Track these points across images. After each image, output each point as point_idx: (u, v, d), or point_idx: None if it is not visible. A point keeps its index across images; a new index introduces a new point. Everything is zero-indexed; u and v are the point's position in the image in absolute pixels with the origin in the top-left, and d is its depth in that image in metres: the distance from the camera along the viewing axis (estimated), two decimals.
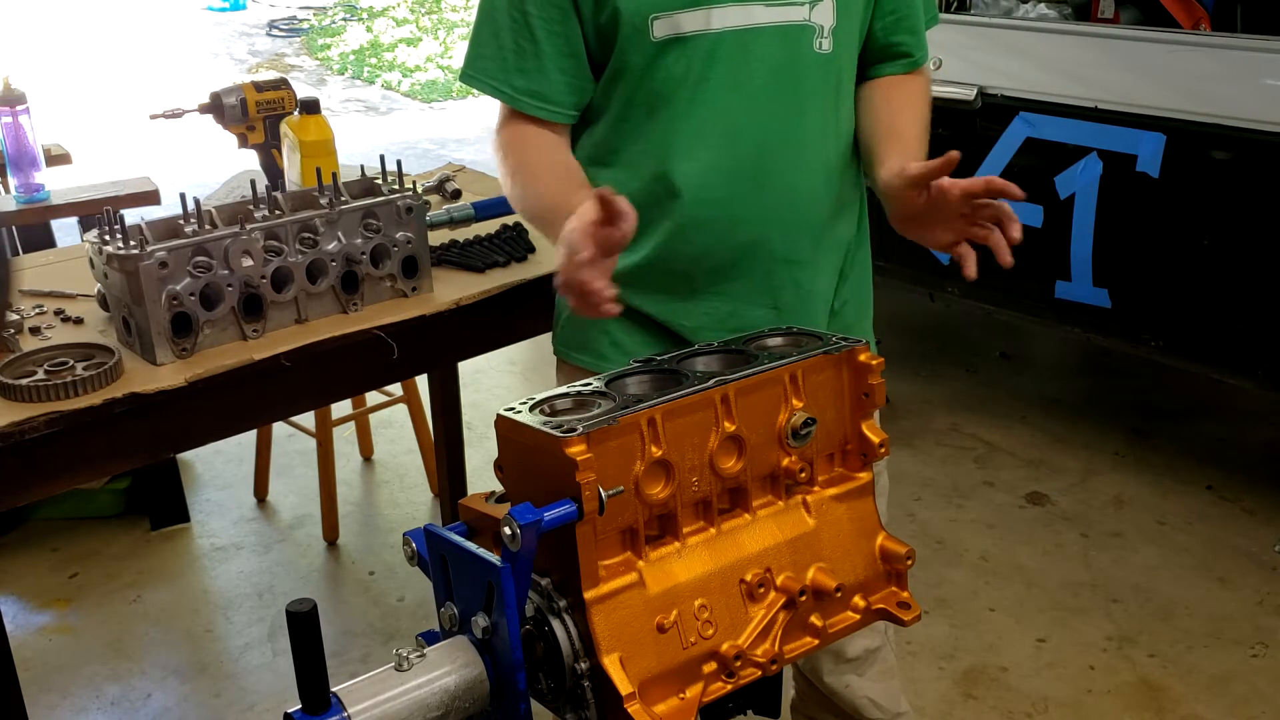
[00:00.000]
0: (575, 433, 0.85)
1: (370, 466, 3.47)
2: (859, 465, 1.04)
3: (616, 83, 1.44)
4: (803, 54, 1.41)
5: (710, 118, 1.41)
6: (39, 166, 2.79)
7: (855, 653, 1.67)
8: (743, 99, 1.41)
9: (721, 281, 1.47)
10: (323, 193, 1.79)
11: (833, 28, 1.41)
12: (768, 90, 1.41)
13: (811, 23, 1.40)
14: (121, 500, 3.15)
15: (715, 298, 1.49)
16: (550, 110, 1.46)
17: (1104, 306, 2.96)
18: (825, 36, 1.41)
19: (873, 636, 1.67)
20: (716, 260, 1.46)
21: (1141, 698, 2.42)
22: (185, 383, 1.62)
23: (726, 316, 1.49)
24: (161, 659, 2.63)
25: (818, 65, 1.42)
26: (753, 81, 1.40)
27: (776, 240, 1.45)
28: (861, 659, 1.67)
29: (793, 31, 1.40)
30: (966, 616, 2.68)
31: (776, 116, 1.42)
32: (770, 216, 1.44)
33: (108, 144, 6.83)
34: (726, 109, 1.41)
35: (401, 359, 1.83)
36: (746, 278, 1.47)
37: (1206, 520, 3.04)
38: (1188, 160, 2.73)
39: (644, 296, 1.50)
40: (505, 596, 0.83)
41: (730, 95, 1.40)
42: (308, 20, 11.74)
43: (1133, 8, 3.47)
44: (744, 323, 1.46)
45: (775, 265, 1.46)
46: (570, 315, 1.57)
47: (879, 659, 1.69)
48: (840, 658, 1.67)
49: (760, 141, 1.42)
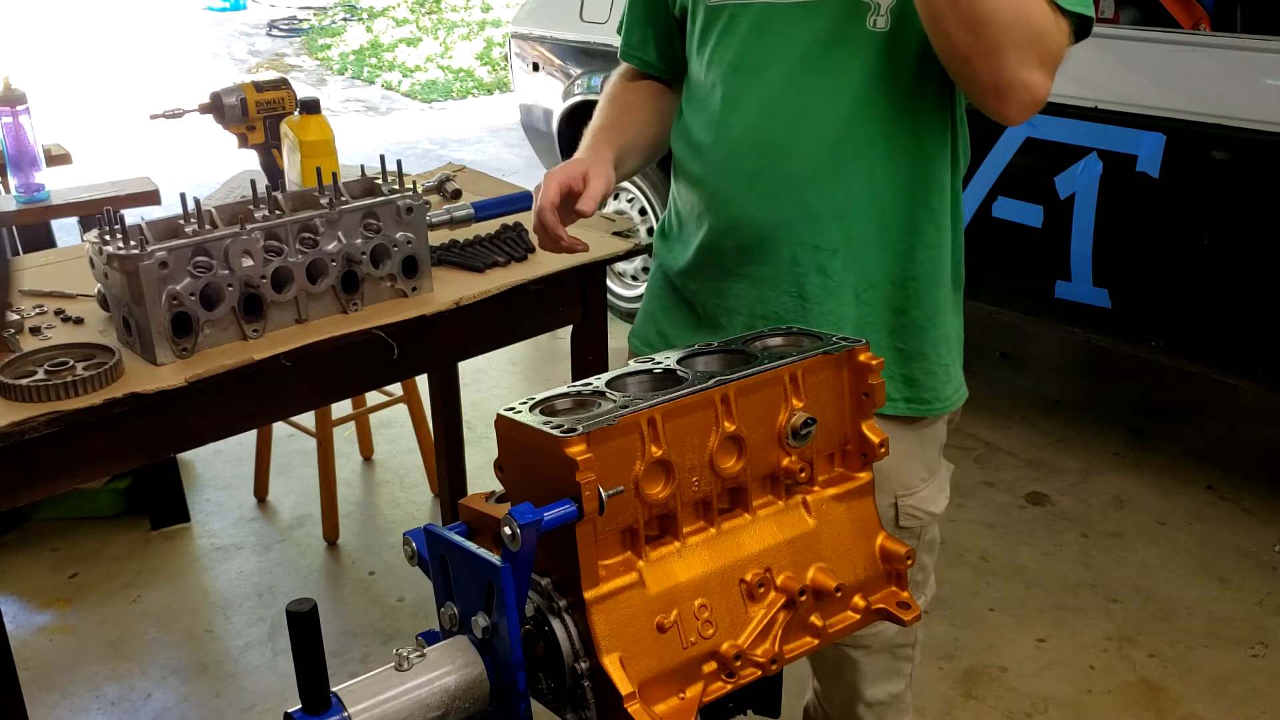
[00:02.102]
0: (575, 433, 0.85)
1: (370, 466, 3.47)
2: (859, 465, 1.04)
3: (688, 45, 1.51)
4: (854, 30, 1.34)
5: (751, 86, 1.40)
6: (39, 166, 2.79)
7: (880, 697, 1.64)
8: (785, 71, 1.37)
9: (749, 263, 1.45)
10: (323, 193, 1.79)
11: (891, 5, 1.32)
12: (811, 64, 1.36)
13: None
14: (121, 500, 3.15)
15: (743, 280, 1.47)
16: (634, 56, 1.63)
17: (1104, 306, 2.96)
18: (882, 14, 1.33)
19: (899, 682, 1.65)
20: (742, 237, 1.44)
21: (1141, 698, 2.42)
22: (185, 383, 1.62)
23: (754, 302, 1.46)
24: (161, 659, 2.63)
25: (870, 44, 1.34)
26: (797, 53, 1.36)
27: (801, 223, 1.40)
28: (886, 704, 1.65)
29: (844, 6, 1.34)
30: (966, 616, 2.68)
31: (816, 93, 1.36)
32: (797, 197, 1.39)
33: (108, 144, 6.83)
34: (768, 80, 1.38)
35: (401, 359, 1.83)
36: (772, 261, 1.43)
37: (1206, 520, 3.04)
38: (1188, 160, 2.73)
39: (689, 277, 1.53)
40: (505, 596, 0.83)
41: (773, 66, 1.38)
42: (308, 20, 11.74)
43: (1133, 8, 3.47)
44: (771, 309, 1.45)
45: (800, 249, 1.41)
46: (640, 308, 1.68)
47: (902, 700, 1.68)
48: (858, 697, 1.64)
49: (796, 117, 1.37)
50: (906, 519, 1.54)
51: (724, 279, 1.49)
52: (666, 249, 1.59)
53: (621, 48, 1.64)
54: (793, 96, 1.37)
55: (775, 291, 1.45)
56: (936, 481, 1.56)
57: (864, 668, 1.61)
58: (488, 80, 9.27)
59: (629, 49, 1.63)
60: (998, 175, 3.04)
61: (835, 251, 1.41)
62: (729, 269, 1.48)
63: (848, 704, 1.66)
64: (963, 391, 1.54)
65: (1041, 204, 2.97)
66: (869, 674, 1.62)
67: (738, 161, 1.42)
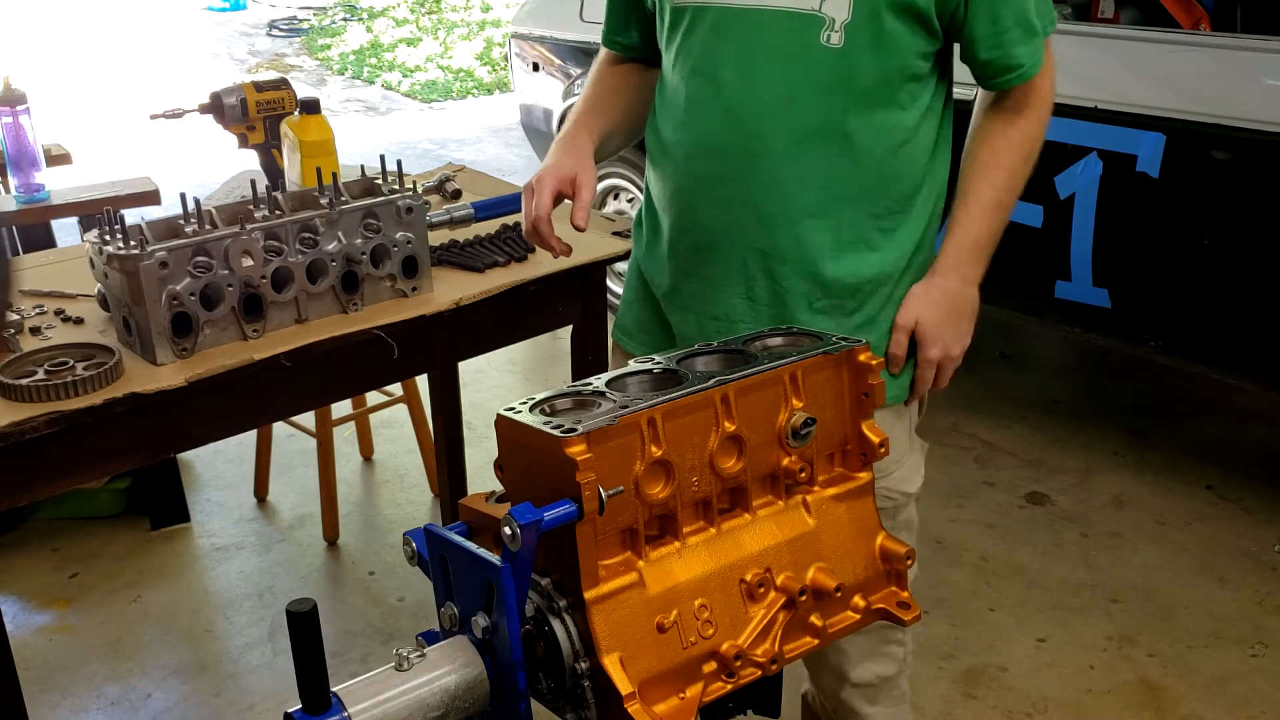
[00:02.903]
0: (575, 433, 0.85)
1: (370, 466, 3.47)
2: (859, 465, 1.04)
3: (659, 40, 1.54)
4: (809, 44, 1.37)
5: (709, 91, 1.43)
6: (39, 166, 2.79)
7: (867, 678, 1.65)
8: (742, 79, 1.40)
9: (703, 264, 1.50)
10: (323, 193, 1.79)
11: (845, 22, 1.35)
12: (767, 74, 1.39)
13: (821, 14, 1.36)
14: (122, 500, 3.15)
15: (696, 279, 1.51)
16: (615, 42, 1.67)
17: (1104, 306, 2.96)
18: (836, 30, 1.36)
19: (888, 664, 1.65)
20: (696, 238, 1.49)
21: (1141, 698, 2.42)
22: (185, 383, 1.62)
23: (706, 302, 1.51)
24: (161, 659, 2.63)
25: (824, 58, 1.37)
26: (753, 62, 1.39)
27: (753, 228, 1.44)
28: (875, 686, 1.66)
29: (800, 19, 1.37)
30: (966, 616, 2.68)
31: (770, 102, 1.39)
32: (749, 202, 1.43)
33: (108, 144, 6.83)
34: (726, 85, 1.41)
35: (401, 359, 1.83)
36: (723, 263, 1.48)
37: (1206, 520, 3.04)
38: (1188, 160, 2.73)
39: (651, 270, 1.58)
40: (505, 596, 0.83)
41: (731, 72, 1.41)
42: (308, 20, 11.74)
43: (1133, 8, 3.47)
44: (721, 310, 1.49)
45: (750, 254, 1.46)
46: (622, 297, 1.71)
47: (895, 686, 1.68)
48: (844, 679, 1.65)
49: (751, 125, 1.40)
50: (881, 500, 1.57)
51: (680, 276, 1.53)
52: (638, 240, 1.64)
53: (604, 34, 1.68)
54: (750, 104, 1.40)
55: (725, 293, 1.49)
56: (910, 462, 1.58)
57: (847, 647, 1.61)
58: (488, 80, 9.26)
59: (610, 34, 1.67)
60: None
61: (785, 259, 1.45)
62: (684, 267, 1.52)
63: (835, 687, 1.67)
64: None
65: (1041, 204, 2.97)
66: (853, 654, 1.62)
67: (695, 164, 1.46)
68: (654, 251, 1.58)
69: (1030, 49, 1.42)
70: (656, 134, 1.54)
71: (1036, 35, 1.43)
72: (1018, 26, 1.40)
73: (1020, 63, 1.43)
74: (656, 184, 1.55)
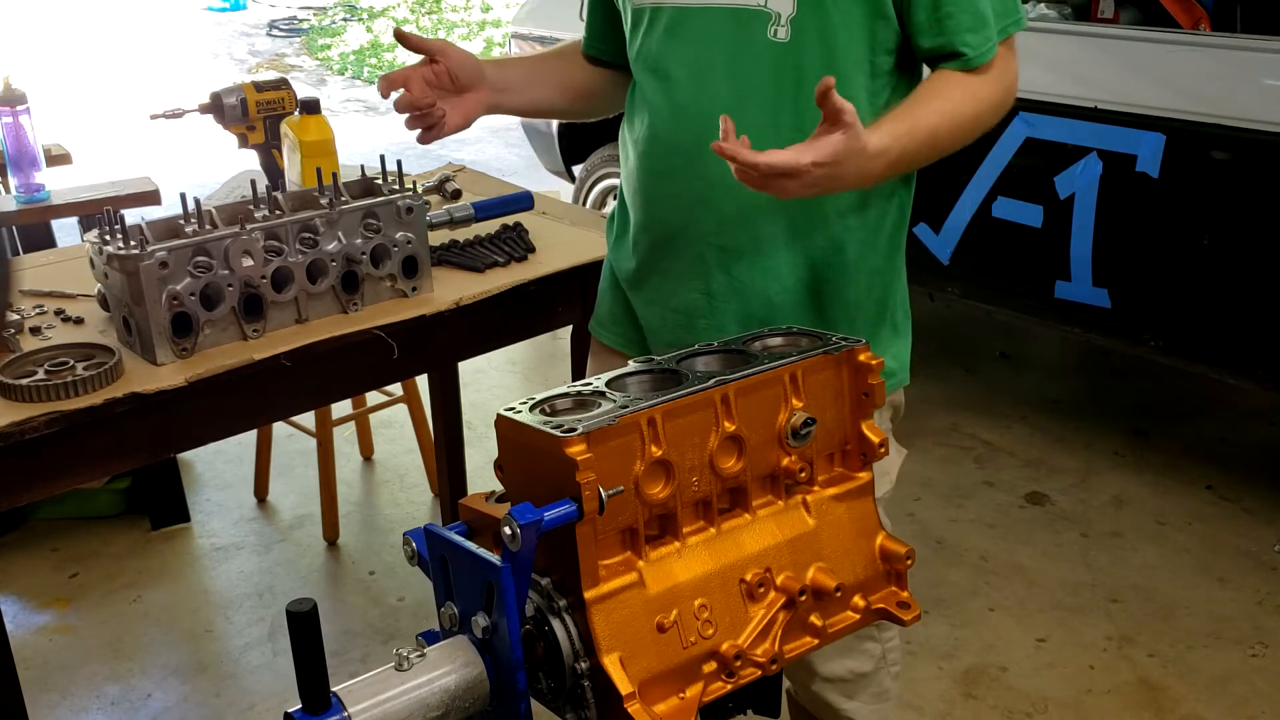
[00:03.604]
0: (575, 433, 0.85)
1: (370, 466, 3.47)
2: (859, 465, 1.04)
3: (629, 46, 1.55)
4: (755, 39, 1.37)
5: (663, 89, 1.45)
6: (39, 166, 2.79)
7: (839, 673, 1.64)
8: (692, 76, 1.42)
9: (664, 259, 1.51)
10: (323, 193, 1.79)
11: (791, 16, 1.35)
12: (717, 71, 1.40)
13: (766, 9, 1.36)
14: (122, 500, 3.15)
15: (657, 274, 1.54)
16: (595, 47, 1.69)
17: (1104, 306, 2.96)
18: (782, 25, 1.36)
19: (863, 660, 1.64)
20: (656, 234, 1.51)
21: (1141, 698, 2.42)
22: (185, 383, 1.62)
23: (667, 295, 1.53)
24: (161, 659, 2.63)
25: (771, 53, 1.37)
26: (703, 60, 1.41)
27: (708, 224, 1.45)
28: (850, 681, 1.65)
29: (745, 15, 1.37)
30: (966, 616, 2.68)
31: (720, 99, 1.39)
32: (704, 198, 1.43)
33: (108, 144, 6.83)
34: (678, 83, 1.43)
35: (401, 359, 1.83)
36: (681, 257, 1.49)
37: (1206, 520, 3.04)
38: (1188, 160, 2.73)
39: (619, 265, 1.61)
40: (505, 596, 0.83)
41: (682, 70, 1.43)
42: (308, 20, 11.74)
43: (1133, 8, 3.47)
44: (682, 303, 1.51)
45: (707, 249, 1.47)
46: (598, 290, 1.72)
47: (873, 683, 1.67)
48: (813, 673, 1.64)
49: (702, 122, 1.39)
50: None
51: (643, 269, 1.56)
52: (609, 233, 1.66)
53: (584, 40, 1.70)
54: (700, 101, 1.41)
55: (684, 287, 1.50)
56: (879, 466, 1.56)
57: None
58: None
59: (590, 41, 1.69)
60: (997, 175, 3.04)
61: (741, 254, 1.45)
62: (646, 262, 1.54)
63: (805, 679, 1.66)
64: (897, 379, 1.56)
65: (1041, 204, 2.97)
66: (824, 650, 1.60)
67: (653, 161, 1.49)
68: (621, 245, 1.60)
69: (979, 38, 1.36)
70: (623, 134, 1.57)
71: (987, 26, 1.37)
72: (964, 13, 1.35)
73: (964, 50, 1.36)
74: (623, 180, 1.59)
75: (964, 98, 1.37)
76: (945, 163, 1.49)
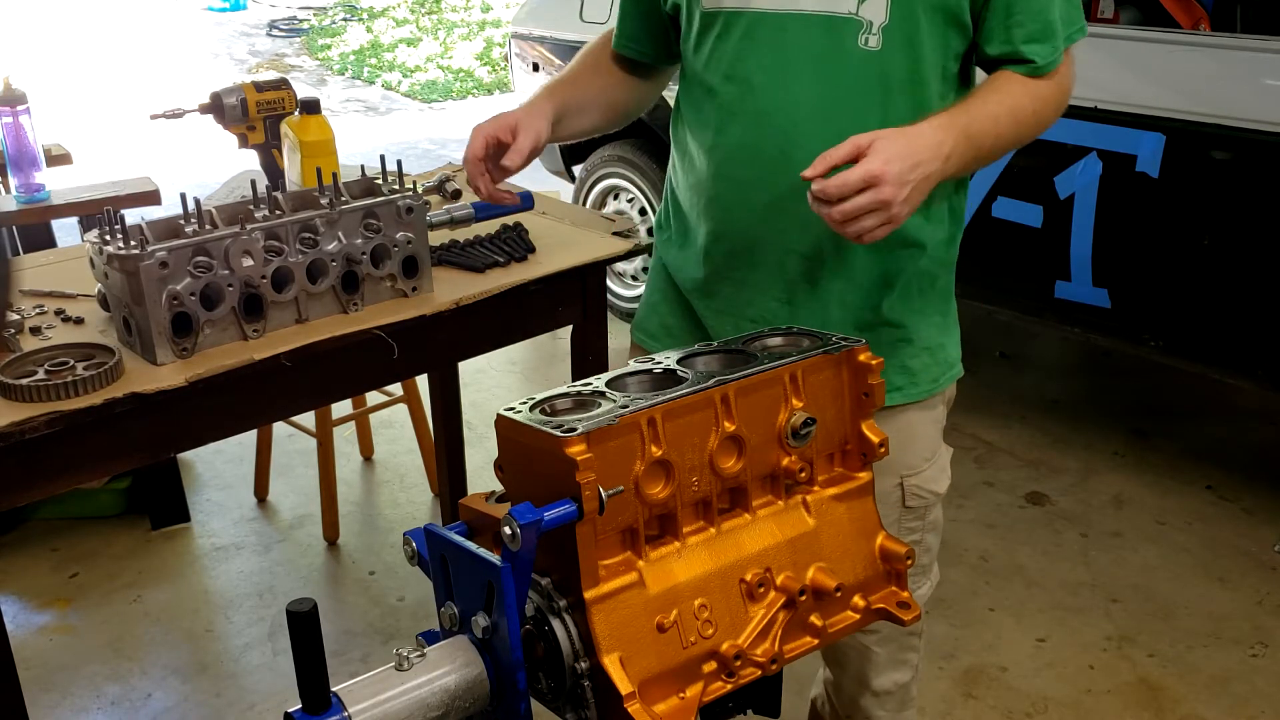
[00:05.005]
0: (575, 433, 0.85)
1: (370, 466, 3.47)
2: (859, 465, 1.04)
3: (684, 43, 1.52)
4: (845, 47, 1.36)
5: (743, 96, 1.42)
6: (39, 166, 2.79)
7: (888, 686, 1.66)
8: (776, 82, 1.39)
9: (739, 268, 1.49)
10: (323, 193, 1.79)
11: (883, 25, 1.35)
12: (803, 78, 1.38)
13: (858, 17, 1.35)
14: (122, 500, 3.15)
15: (731, 283, 1.50)
16: (629, 47, 1.63)
17: (1104, 306, 2.96)
18: (873, 33, 1.35)
19: (905, 671, 1.67)
20: (734, 243, 1.48)
21: (1141, 697, 2.42)
22: (185, 383, 1.62)
23: (743, 305, 1.50)
24: (162, 659, 2.63)
25: (861, 61, 1.36)
26: (788, 67, 1.38)
27: (793, 232, 1.43)
28: (894, 694, 1.67)
29: (836, 23, 1.36)
30: (966, 616, 2.68)
31: (808, 106, 1.38)
32: (789, 207, 1.41)
33: (108, 144, 6.83)
34: (760, 90, 1.40)
35: (401, 359, 1.83)
36: (761, 266, 1.47)
37: (1206, 520, 3.04)
38: (1188, 160, 2.73)
39: (683, 275, 1.57)
40: (505, 596, 0.83)
41: (763, 76, 1.40)
42: (308, 20, 11.74)
43: (1133, 8, 3.47)
44: (760, 313, 1.48)
45: (789, 257, 1.45)
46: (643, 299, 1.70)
47: (909, 692, 1.70)
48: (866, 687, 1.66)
49: (788, 129, 1.39)
50: (913, 499, 1.57)
51: (715, 280, 1.52)
52: (665, 243, 1.62)
53: (616, 38, 1.64)
54: (786, 109, 1.39)
55: (763, 296, 1.48)
56: (938, 462, 1.59)
57: (875, 656, 1.63)
58: (488, 80, 9.26)
59: (623, 40, 1.63)
60: (998, 175, 3.04)
61: (823, 260, 1.45)
62: (719, 271, 1.51)
63: (855, 694, 1.68)
64: (954, 371, 1.57)
65: (1041, 204, 2.97)
66: (880, 663, 1.63)
67: (732, 170, 1.45)
68: (686, 255, 1.56)
69: (1047, 48, 1.39)
70: (687, 141, 1.53)
71: (1055, 36, 1.39)
72: (1034, 21, 1.38)
73: (1032, 58, 1.39)
74: (688, 190, 1.54)
75: (1023, 93, 1.40)
76: None
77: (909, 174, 1.25)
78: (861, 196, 1.23)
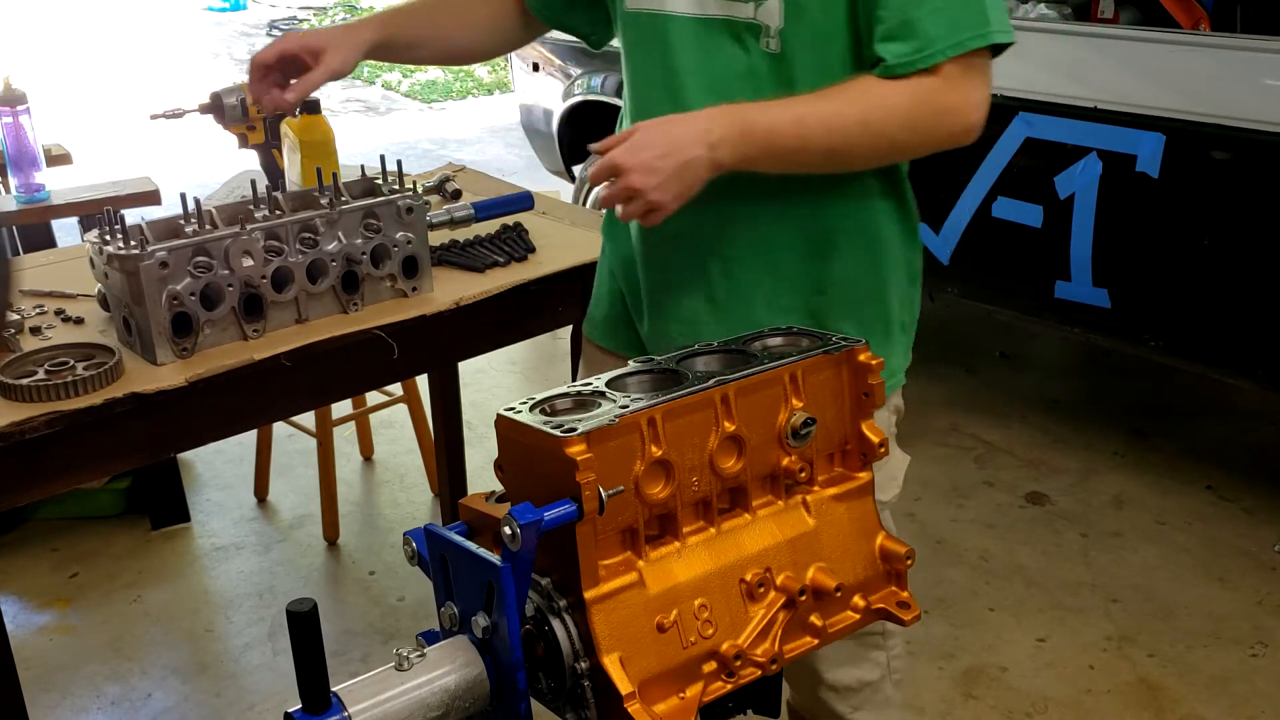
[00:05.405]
0: (575, 433, 0.85)
1: (370, 466, 3.47)
2: (859, 465, 1.04)
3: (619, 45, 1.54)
4: (749, 51, 1.38)
5: (655, 96, 1.44)
6: (39, 166, 2.79)
7: (846, 681, 1.63)
8: (685, 84, 1.42)
9: (663, 268, 1.52)
10: (323, 193, 1.79)
11: (779, 29, 1.35)
12: (709, 81, 1.40)
13: (757, 21, 1.36)
14: (122, 500, 3.15)
15: (657, 282, 1.53)
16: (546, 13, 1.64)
17: (1104, 306, 2.96)
18: (772, 36, 1.36)
19: (869, 669, 1.64)
20: (653, 243, 1.51)
21: (1141, 697, 2.42)
22: (185, 383, 1.62)
23: (671, 304, 1.52)
24: (162, 659, 2.63)
25: (765, 64, 1.37)
26: (697, 69, 1.41)
27: (707, 230, 1.45)
28: (856, 691, 1.65)
29: (739, 27, 1.37)
30: (966, 616, 2.68)
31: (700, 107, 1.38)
32: (706, 207, 1.40)
33: (108, 144, 6.82)
34: (670, 90, 1.43)
35: (401, 359, 1.83)
36: (683, 266, 1.49)
37: (1206, 520, 3.04)
38: (1188, 160, 2.73)
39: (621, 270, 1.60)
40: (505, 596, 0.83)
41: (675, 78, 1.42)
42: (308, 20, 11.73)
43: (1133, 8, 3.47)
44: (684, 310, 1.51)
45: (708, 257, 1.47)
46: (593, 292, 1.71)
47: (878, 691, 1.67)
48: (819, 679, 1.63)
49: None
50: None
51: (645, 277, 1.55)
52: (608, 238, 1.65)
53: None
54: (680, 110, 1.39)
55: (686, 294, 1.50)
56: (886, 469, 1.56)
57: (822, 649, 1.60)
58: (488, 80, 9.26)
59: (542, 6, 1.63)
60: (997, 175, 3.04)
61: (743, 260, 1.46)
62: (648, 269, 1.54)
63: (811, 688, 1.65)
64: (894, 380, 1.55)
65: (1041, 204, 2.97)
66: (828, 656, 1.61)
67: None
68: (622, 255, 1.60)
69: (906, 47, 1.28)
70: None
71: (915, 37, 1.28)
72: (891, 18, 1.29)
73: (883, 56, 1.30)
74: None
75: (858, 97, 1.31)
76: (944, 163, 1.49)
77: (657, 162, 1.27)
78: (612, 187, 1.28)
